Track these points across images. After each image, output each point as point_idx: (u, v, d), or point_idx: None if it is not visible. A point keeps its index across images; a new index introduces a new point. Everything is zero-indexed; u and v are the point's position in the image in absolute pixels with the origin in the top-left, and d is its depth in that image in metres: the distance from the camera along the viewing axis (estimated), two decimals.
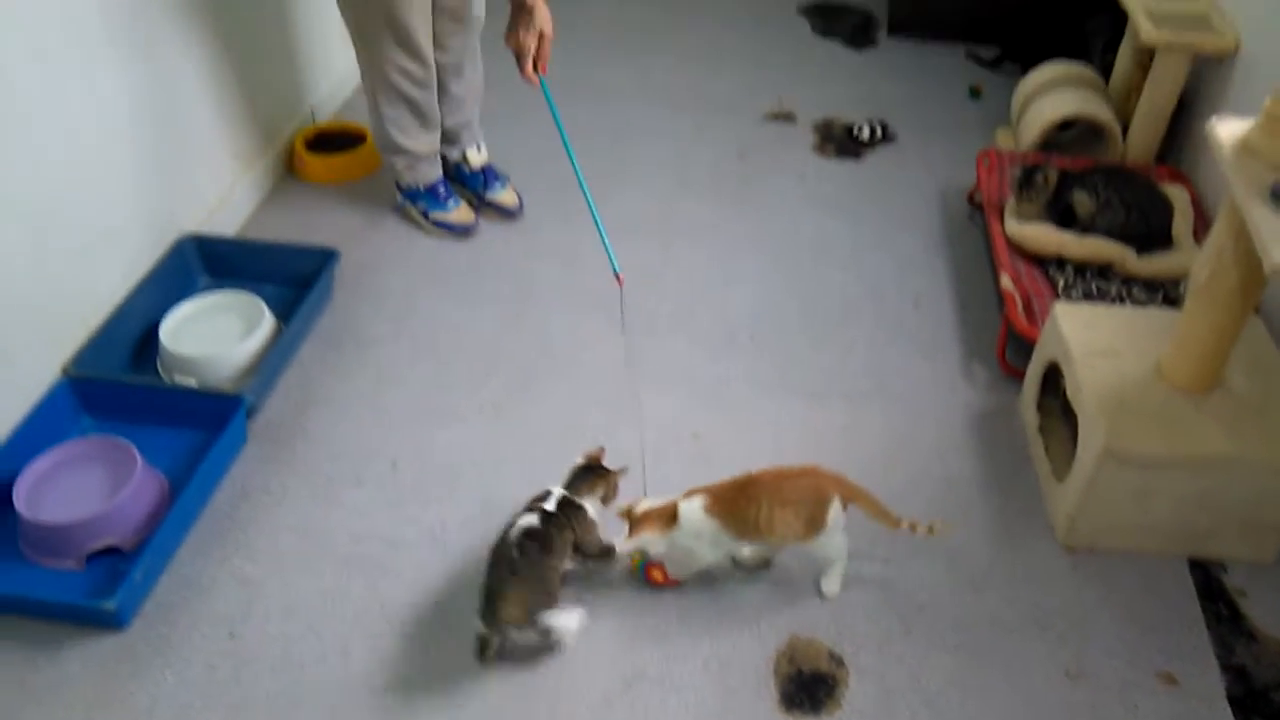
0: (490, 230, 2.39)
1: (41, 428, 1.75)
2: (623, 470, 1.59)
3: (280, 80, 2.51)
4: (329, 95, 2.76)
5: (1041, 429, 1.83)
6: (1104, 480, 1.57)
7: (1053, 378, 1.83)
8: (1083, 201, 2.12)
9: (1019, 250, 2.15)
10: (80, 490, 1.66)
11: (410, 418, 1.89)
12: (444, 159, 2.42)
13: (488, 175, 2.45)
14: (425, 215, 2.37)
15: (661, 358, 2.04)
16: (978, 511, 1.74)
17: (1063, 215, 2.14)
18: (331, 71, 2.77)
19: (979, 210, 2.46)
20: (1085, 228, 2.12)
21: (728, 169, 2.64)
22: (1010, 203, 2.22)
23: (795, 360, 2.04)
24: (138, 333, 1.99)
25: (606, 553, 1.55)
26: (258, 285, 2.11)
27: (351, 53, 2.76)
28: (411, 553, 1.64)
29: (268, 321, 1.98)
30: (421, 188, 2.34)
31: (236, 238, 2.30)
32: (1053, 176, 2.16)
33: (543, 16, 1.82)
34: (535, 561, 1.43)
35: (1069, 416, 1.74)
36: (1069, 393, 1.70)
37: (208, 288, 2.14)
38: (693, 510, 1.49)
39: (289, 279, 2.13)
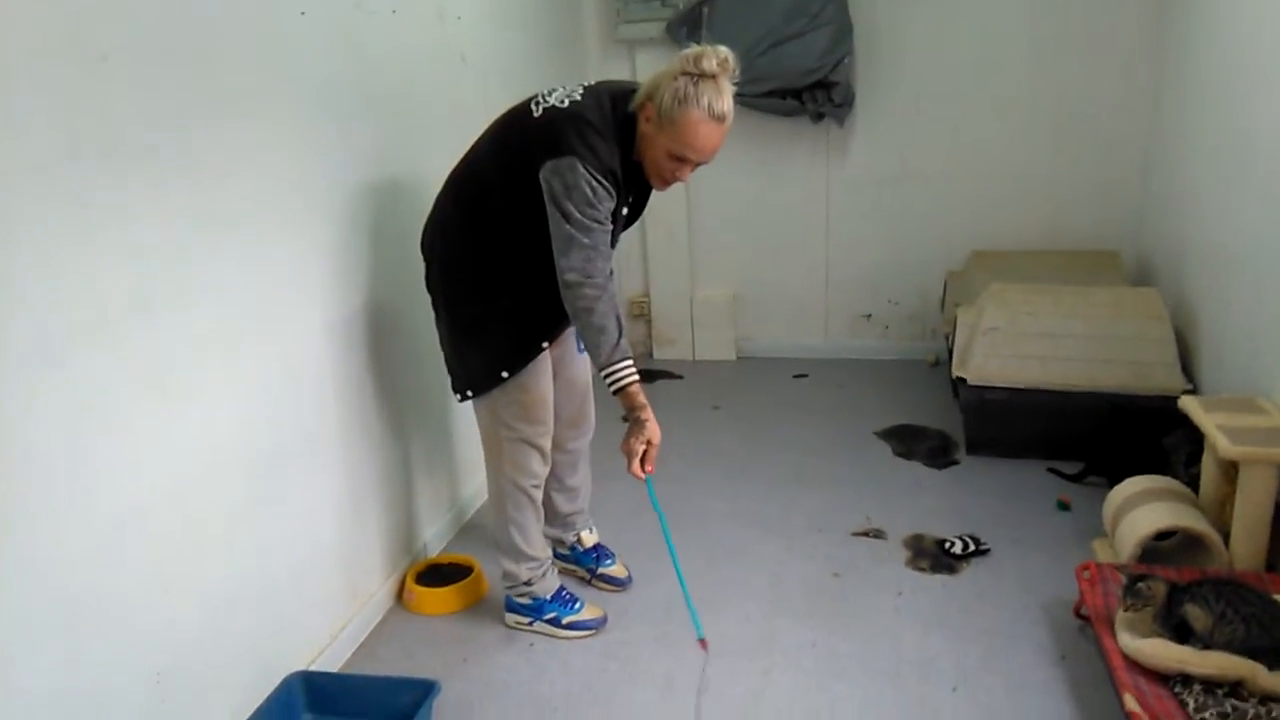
0: (586, 653, 2.40)
1: None
2: None
3: (400, 521, 2.73)
4: (443, 530, 2.96)
5: None
6: None
7: None
8: (1197, 615, 2.05)
9: (1138, 666, 2.04)
10: None
11: None
12: (560, 542, 2.71)
13: (599, 552, 2.72)
14: (558, 623, 2.47)
15: None
16: None
17: (1178, 629, 2.06)
18: (445, 509, 3.00)
19: (1088, 623, 2.38)
20: (1205, 643, 2.02)
21: (823, 587, 2.65)
22: (1120, 615, 2.16)
23: None
24: None
25: None
26: (359, 719, 2.13)
27: (463, 489, 3.03)
28: None
29: None
30: (548, 597, 2.48)
31: (341, 673, 2.35)
32: (1158, 587, 2.11)
33: (652, 429, 2.13)
34: None
35: None
36: None
37: None
38: None
39: (390, 713, 2.14)
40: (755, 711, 2.16)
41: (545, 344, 2.29)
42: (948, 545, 2.81)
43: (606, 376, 2.11)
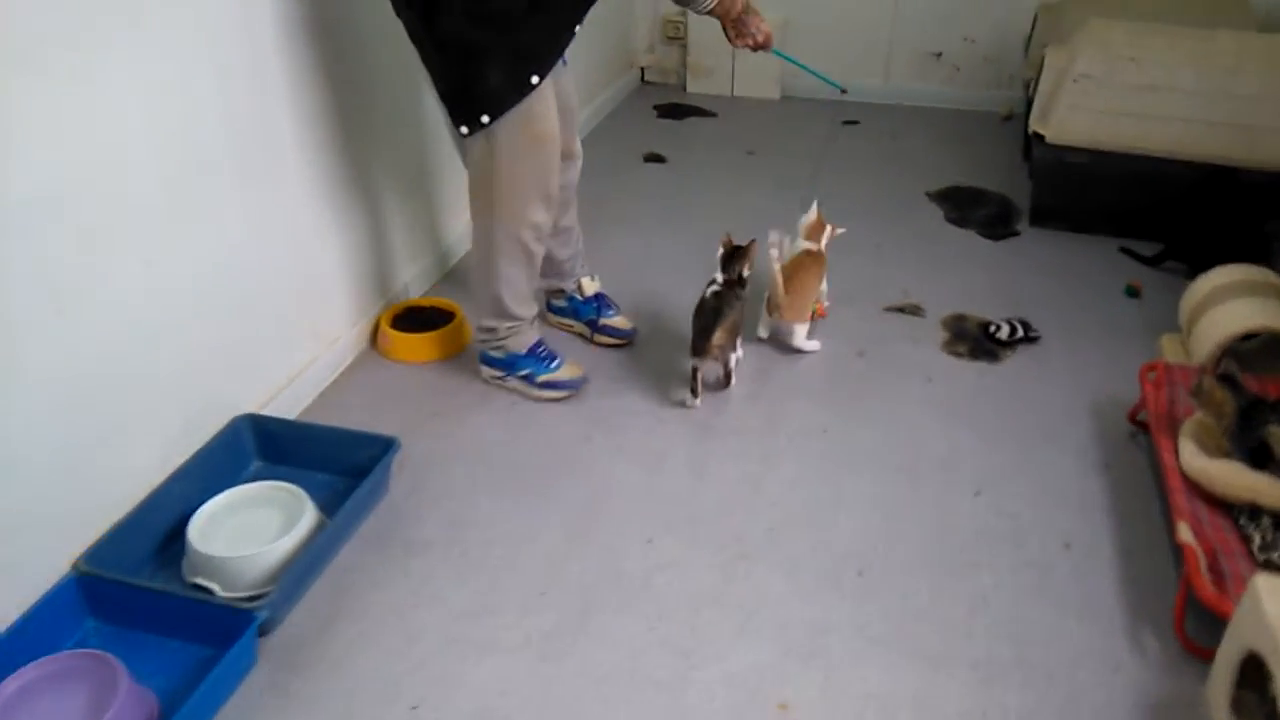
0: (570, 420, 2.16)
1: (40, 629, 1.55)
2: (753, 241, 2.24)
3: (372, 257, 2.41)
4: (424, 272, 2.66)
5: None
6: None
7: (1253, 667, 1.40)
8: None
9: (1198, 490, 1.75)
10: (55, 716, 1.43)
11: (445, 645, 1.61)
12: (559, 291, 2.43)
13: (600, 302, 2.43)
14: (530, 381, 2.21)
15: (750, 594, 1.71)
16: None
17: (1254, 453, 1.75)
18: (428, 249, 2.68)
19: (1143, 431, 2.08)
20: None
21: (844, 367, 2.36)
22: (1187, 426, 1.85)
23: (912, 610, 1.68)
24: (173, 520, 1.80)
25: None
26: (312, 473, 1.94)
27: (449, 228, 2.68)
28: None
29: (307, 520, 1.77)
30: (522, 352, 2.19)
31: (295, 420, 2.13)
32: (1227, 400, 1.78)
33: (755, 7, 2.14)
34: (727, 312, 2.12)
35: None
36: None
37: (259, 473, 1.97)
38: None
39: (346, 467, 1.94)
40: (750, 500, 1.93)
41: (577, 27, 1.91)
42: (993, 329, 2.47)
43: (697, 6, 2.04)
